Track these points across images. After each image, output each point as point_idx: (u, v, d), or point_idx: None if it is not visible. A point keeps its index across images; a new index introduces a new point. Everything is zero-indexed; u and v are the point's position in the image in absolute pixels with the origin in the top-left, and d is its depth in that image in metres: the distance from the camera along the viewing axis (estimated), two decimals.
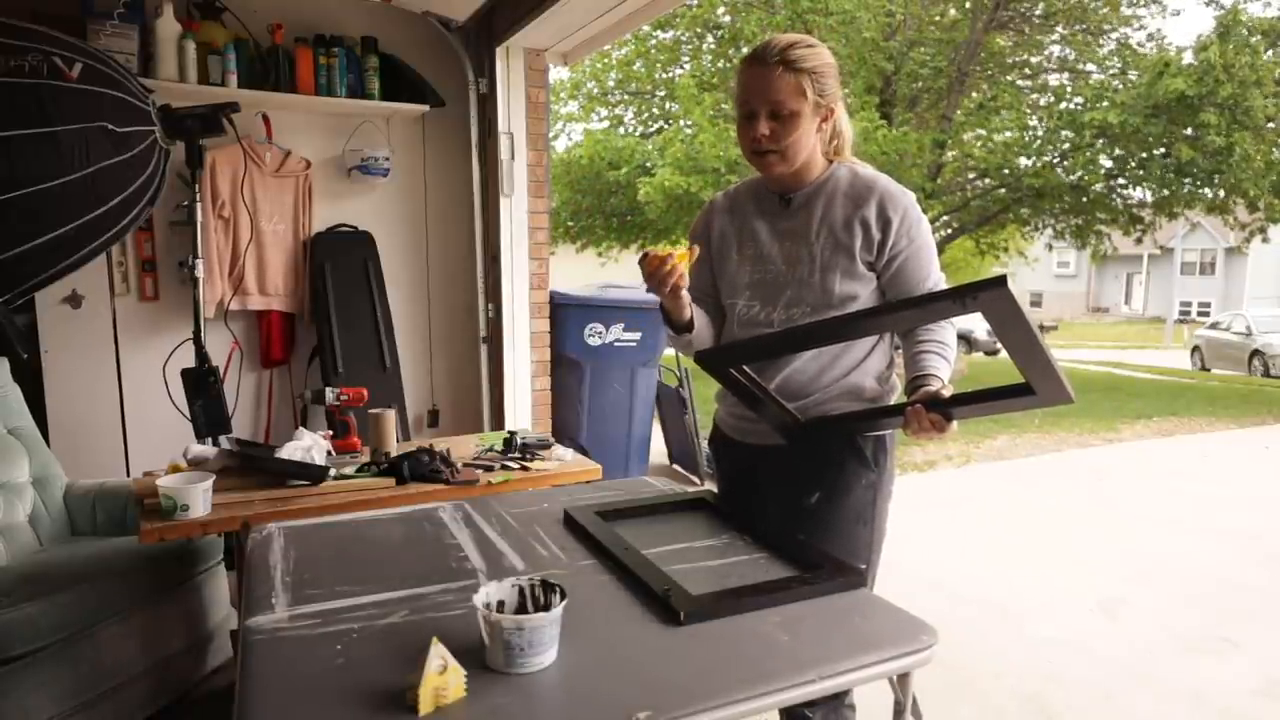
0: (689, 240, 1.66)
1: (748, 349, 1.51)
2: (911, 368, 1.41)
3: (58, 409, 3.05)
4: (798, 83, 1.39)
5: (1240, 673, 2.57)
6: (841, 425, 1.49)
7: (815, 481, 1.50)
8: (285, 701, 0.92)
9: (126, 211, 2.30)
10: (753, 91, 1.42)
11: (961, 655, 2.63)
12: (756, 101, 1.42)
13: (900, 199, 1.45)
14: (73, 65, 2.15)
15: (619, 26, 3.35)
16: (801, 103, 1.40)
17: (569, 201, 11.55)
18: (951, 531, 3.98)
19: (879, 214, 1.43)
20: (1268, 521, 4.22)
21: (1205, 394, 9.69)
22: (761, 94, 1.41)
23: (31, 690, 1.86)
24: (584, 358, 3.91)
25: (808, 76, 1.40)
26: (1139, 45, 10.27)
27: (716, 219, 1.62)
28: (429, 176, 3.67)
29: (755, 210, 1.56)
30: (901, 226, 1.43)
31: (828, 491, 1.50)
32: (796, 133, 1.41)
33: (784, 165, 1.45)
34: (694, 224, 1.67)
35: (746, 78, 1.43)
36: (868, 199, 1.44)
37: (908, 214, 1.44)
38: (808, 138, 1.43)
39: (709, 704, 0.91)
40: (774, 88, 1.39)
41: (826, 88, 1.43)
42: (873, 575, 1.50)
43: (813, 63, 1.41)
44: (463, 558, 1.35)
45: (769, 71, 1.39)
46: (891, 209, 1.43)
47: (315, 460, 2.11)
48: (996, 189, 10.60)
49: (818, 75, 1.41)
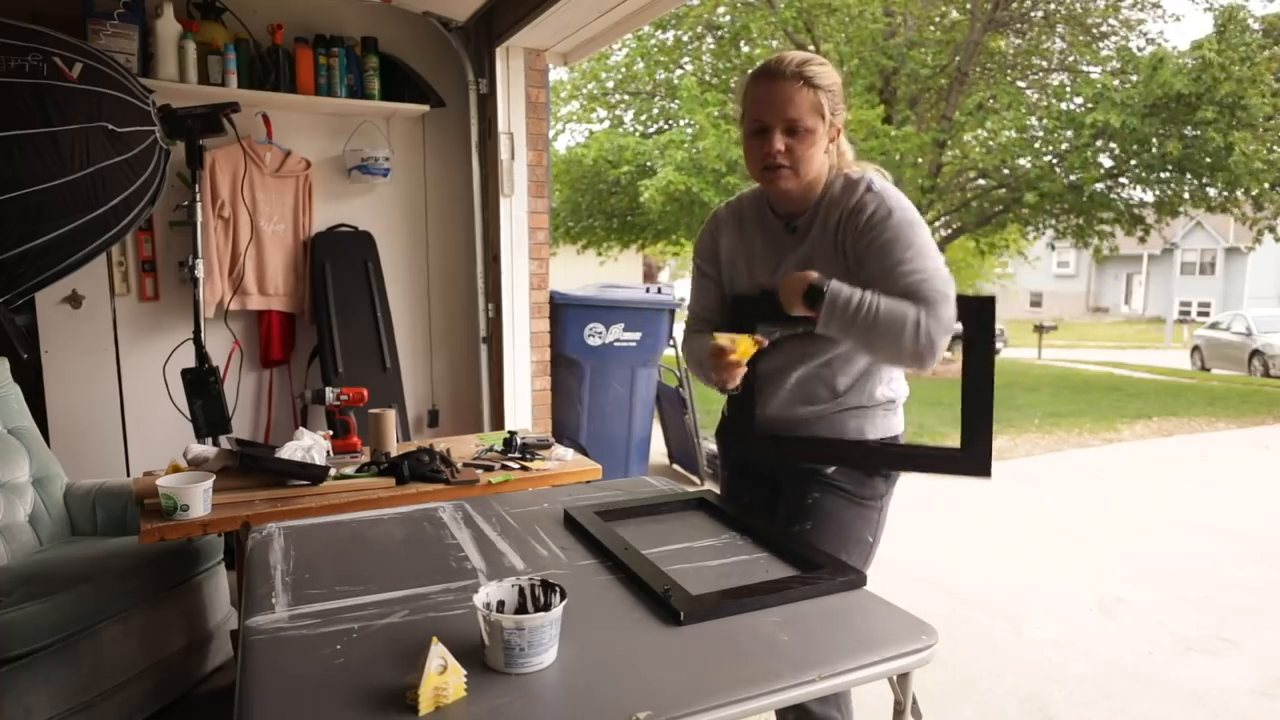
0: (694, 256, 1.65)
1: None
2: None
3: (58, 409, 3.05)
4: (815, 99, 1.38)
5: (1240, 673, 2.57)
6: (800, 448, 1.51)
7: (815, 485, 1.51)
8: (285, 701, 0.92)
9: (126, 211, 2.30)
10: (767, 106, 1.39)
11: (961, 655, 2.63)
12: (770, 116, 1.38)
13: (872, 197, 1.39)
14: (73, 65, 2.15)
15: (619, 26, 3.35)
16: (817, 120, 1.38)
17: (569, 201, 11.55)
18: (951, 531, 3.98)
19: (852, 212, 1.40)
20: (1268, 521, 4.22)
21: (1205, 394, 9.68)
22: (777, 109, 1.38)
23: (31, 690, 1.86)
24: (584, 358, 3.91)
25: (824, 94, 1.38)
26: (1138, 50, 10.26)
27: (724, 238, 1.59)
28: (429, 176, 3.67)
29: (761, 235, 1.54)
30: (870, 220, 1.38)
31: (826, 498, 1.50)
32: (811, 150, 1.39)
33: (795, 180, 1.42)
34: (700, 240, 1.65)
35: (760, 92, 1.40)
36: (849, 200, 1.41)
37: (878, 209, 1.38)
38: (819, 156, 1.42)
39: (709, 704, 0.91)
40: (792, 103, 1.37)
41: (838, 107, 1.42)
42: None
43: (828, 81, 1.39)
44: (463, 558, 1.35)
45: (787, 86, 1.37)
46: (861, 208, 1.39)
47: (315, 460, 2.10)
48: (996, 189, 10.60)
49: (831, 94, 1.40)
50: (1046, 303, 32.37)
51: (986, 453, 1.37)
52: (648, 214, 10.44)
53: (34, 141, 2.06)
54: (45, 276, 2.30)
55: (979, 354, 1.40)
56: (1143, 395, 9.40)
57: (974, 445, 1.38)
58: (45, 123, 2.07)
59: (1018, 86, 10.62)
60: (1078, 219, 11.07)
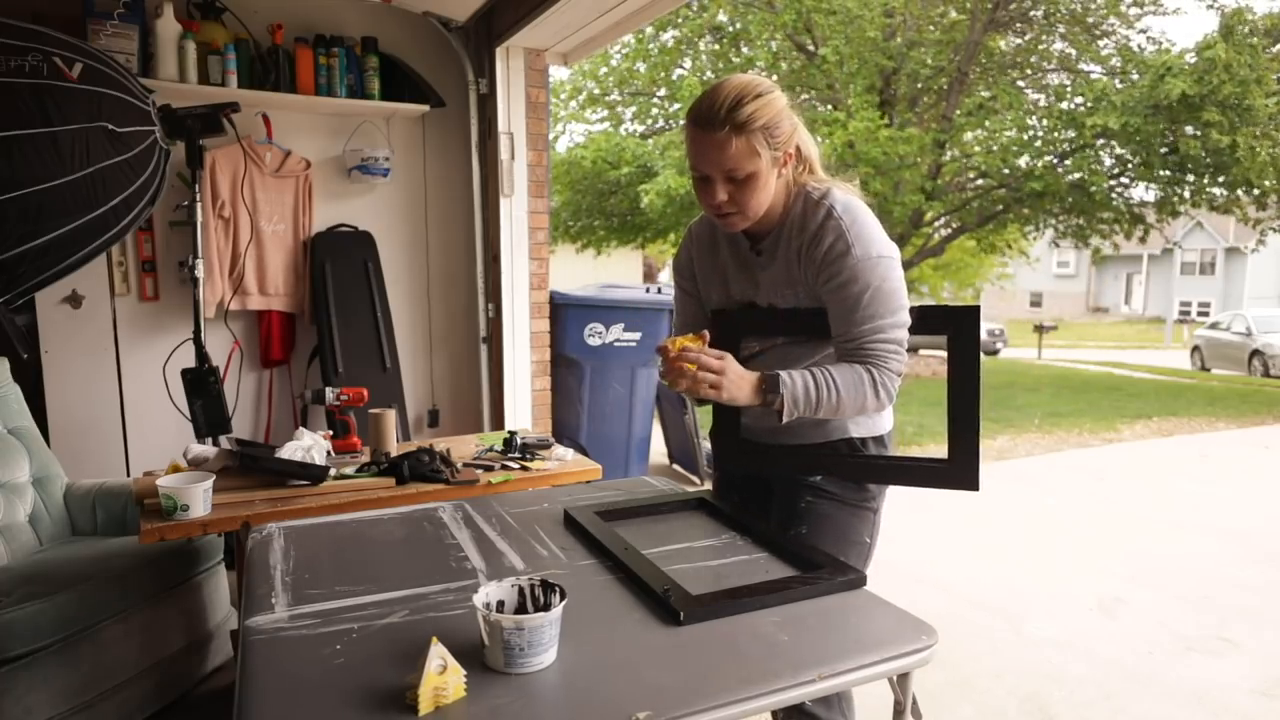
0: (673, 272, 1.66)
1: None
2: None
3: (58, 409, 3.05)
4: (750, 145, 1.30)
5: (1240, 673, 2.57)
6: (787, 459, 1.52)
7: (812, 489, 1.51)
8: (285, 701, 0.92)
9: (126, 211, 2.30)
10: (703, 159, 1.33)
11: (961, 655, 2.63)
12: (708, 167, 1.33)
13: (831, 227, 1.34)
14: (73, 65, 2.15)
15: (619, 26, 3.35)
16: (757, 162, 1.31)
17: (569, 202, 11.55)
18: (951, 531, 3.98)
19: (811, 242, 1.37)
20: (1268, 521, 4.22)
21: (1205, 394, 9.69)
22: (714, 162, 1.31)
23: (32, 690, 1.86)
24: (584, 358, 3.91)
25: (760, 134, 1.30)
26: (1139, 49, 10.26)
27: (697, 253, 1.60)
28: (429, 176, 3.67)
29: (731, 254, 1.53)
30: (826, 256, 1.34)
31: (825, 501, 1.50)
32: (757, 192, 1.34)
33: (747, 221, 1.38)
34: (677, 256, 1.66)
35: (695, 143, 1.33)
36: (809, 225, 1.37)
37: (835, 243, 1.33)
38: (768, 190, 1.36)
39: (709, 704, 0.91)
40: (725, 155, 1.30)
41: (780, 134, 1.33)
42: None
43: (764, 118, 1.30)
44: (463, 558, 1.35)
45: (718, 137, 1.29)
46: (819, 239, 1.35)
47: (315, 460, 2.10)
48: (996, 189, 10.60)
49: (770, 129, 1.31)
50: (1046, 303, 32.38)
51: (974, 466, 1.35)
52: (647, 214, 10.43)
53: (34, 141, 2.06)
54: (45, 276, 2.30)
55: (963, 365, 1.38)
56: (1143, 395, 9.41)
57: (960, 458, 1.37)
58: (45, 123, 2.07)
59: (1018, 86, 10.62)
60: (1078, 219, 11.06)
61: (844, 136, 9.22)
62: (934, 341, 1.47)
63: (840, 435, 1.48)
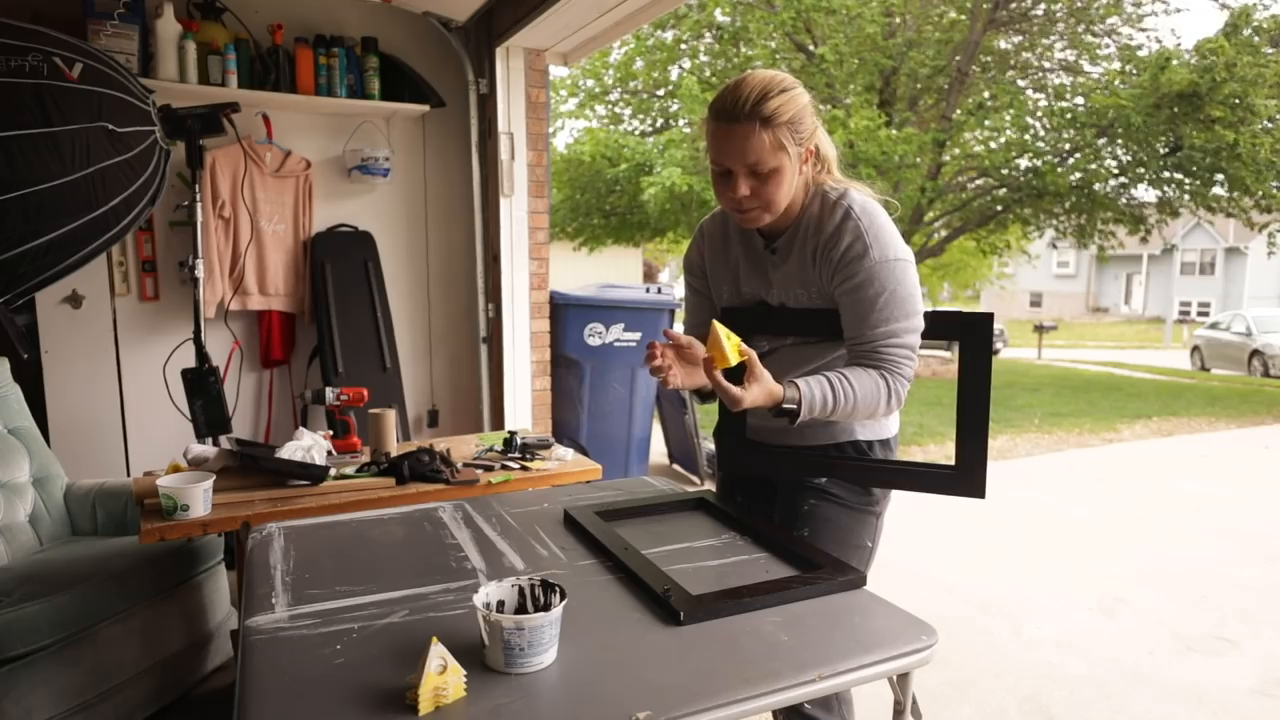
0: (684, 271, 1.65)
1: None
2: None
3: (58, 409, 3.05)
4: (777, 139, 1.28)
5: (1240, 673, 2.57)
6: (792, 462, 1.52)
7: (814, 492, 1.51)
8: (285, 701, 0.92)
9: (127, 211, 2.30)
10: (727, 151, 1.30)
11: (961, 655, 2.63)
12: (732, 161, 1.31)
13: (849, 228, 1.33)
14: (73, 65, 2.15)
15: (619, 26, 3.35)
16: (782, 156, 1.30)
17: (568, 200, 11.54)
18: (951, 531, 3.98)
19: (828, 243, 1.36)
20: (1268, 521, 4.22)
21: (1205, 394, 9.69)
22: (738, 155, 1.29)
23: (31, 690, 1.86)
24: (584, 358, 3.91)
25: (785, 129, 1.28)
26: (1139, 48, 10.26)
27: (708, 251, 1.58)
28: (429, 176, 3.67)
29: (744, 252, 1.52)
30: (844, 257, 1.34)
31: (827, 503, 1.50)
32: (780, 187, 1.32)
33: (769, 217, 1.37)
34: (688, 254, 1.64)
35: (719, 134, 1.30)
36: (826, 226, 1.36)
37: (853, 245, 1.33)
38: (791, 185, 1.34)
39: (709, 704, 0.91)
40: (751, 149, 1.28)
41: (804, 131, 1.32)
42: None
43: (789, 113, 1.28)
44: (463, 558, 1.35)
45: (744, 130, 1.27)
46: (836, 240, 1.34)
47: (315, 460, 2.11)
48: (997, 189, 10.60)
49: (795, 124, 1.29)
50: (1046, 303, 32.40)
51: (981, 473, 1.34)
52: (646, 212, 10.43)
53: (34, 141, 2.06)
54: (45, 276, 2.29)
55: (974, 372, 1.37)
56: (1143, 395, 9.41)
57: (968, 465, 1.36)
58: (45, 123, 2.07)
59: (1018, 85, 10.61)
60: (1079, 219, 11.06)
61: (844, 136, 9.22)
62: (933, 341, 1.46)
63: (847, 438, 1.48)
